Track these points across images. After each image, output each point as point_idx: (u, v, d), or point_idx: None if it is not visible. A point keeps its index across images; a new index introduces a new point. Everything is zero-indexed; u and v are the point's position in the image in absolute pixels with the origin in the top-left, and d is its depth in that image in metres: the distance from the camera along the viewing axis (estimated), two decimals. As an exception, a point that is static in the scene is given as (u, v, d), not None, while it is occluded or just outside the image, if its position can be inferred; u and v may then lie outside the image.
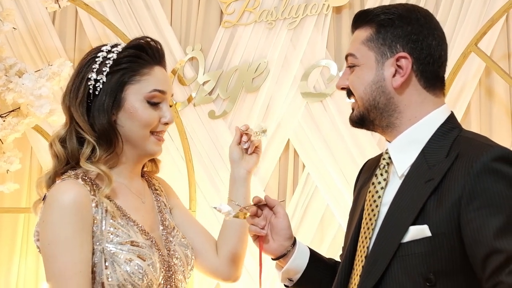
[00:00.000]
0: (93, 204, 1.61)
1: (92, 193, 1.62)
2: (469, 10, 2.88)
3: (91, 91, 1.67)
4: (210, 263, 1.85)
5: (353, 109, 1.61)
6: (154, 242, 1.68)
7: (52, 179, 1.68)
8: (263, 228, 1.72)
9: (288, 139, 3.15)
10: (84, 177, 1.64)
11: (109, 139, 1.66)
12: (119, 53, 1.69)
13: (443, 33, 1.59)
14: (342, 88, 1.62)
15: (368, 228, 1.53)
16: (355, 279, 1.53)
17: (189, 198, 3.07)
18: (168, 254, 1.71)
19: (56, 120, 2.52)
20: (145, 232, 1.67)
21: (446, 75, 2.73)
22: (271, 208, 1.75)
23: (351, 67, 1.58)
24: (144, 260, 1.61)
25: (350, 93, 1.60)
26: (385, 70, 1.53)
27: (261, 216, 1.74)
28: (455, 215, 1.38)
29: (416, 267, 1.41)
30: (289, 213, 3.07)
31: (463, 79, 2.85)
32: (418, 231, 1.41)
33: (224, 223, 1.89)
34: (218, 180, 3.19)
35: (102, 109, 1.66)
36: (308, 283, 1.76)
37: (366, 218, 1.55)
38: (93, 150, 1.65)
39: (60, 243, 1.55)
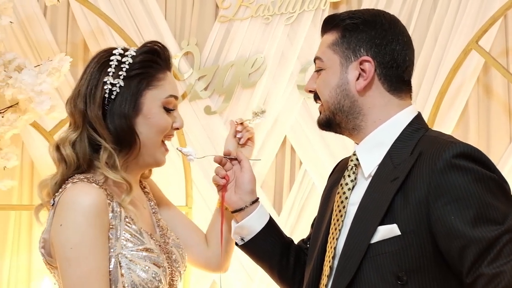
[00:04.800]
0: (110, 209, 1.58)
1: (108, 197, 1.59)
2: (466, 9, 2.89)
3: (107, 95, 1.64)
4: (201, 256, 1.88)
5: (320, 112, 1.65)
6: (161, 246, 1.67)
7: (59, 185, 1.63)
8: (223, 178, 1.79)
9: (285, 136, 3.12)
10: (95, 181, 1.60)
11: (128, 145, 1.64)
12: (133, 57, 1.66)
13: (409, 38, 1.60)
14: (310, 91, 1.65)
15: (335, 229, 1.56)
16: (324, 280, 1.55)
17: (185, 194, 3.03)
18: (168, 256, 1.70)
19: (57, 117, 2.46)
20: (153, 238, 1.66)
21: (446, 73, 2.79)
22: (240, 162, 1.81)
23: (318, 70, 1.62)
24: (159, 267, 1.60)
25: (317, 97, 1.64)
26: (349, 74, 1.56)
27: (230, 169, 1.81)
28: (423, 212, 1.41)
29: (387, 266, 1.43)
30: (286, 210, 3.08)
31: (461, 77, 2.86)
32: (387, 231, 1.43)
33: (213, 217, 1.90)
34: (214, 176, 3.15)
35: (122, 115, 1.63)
36: (257, 248, 1.79)
37: (334, 219, 1.58)
38: (109, 156, 1.62)
39: (86, 246, 1.50)
